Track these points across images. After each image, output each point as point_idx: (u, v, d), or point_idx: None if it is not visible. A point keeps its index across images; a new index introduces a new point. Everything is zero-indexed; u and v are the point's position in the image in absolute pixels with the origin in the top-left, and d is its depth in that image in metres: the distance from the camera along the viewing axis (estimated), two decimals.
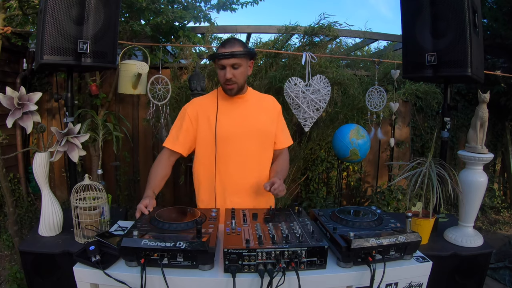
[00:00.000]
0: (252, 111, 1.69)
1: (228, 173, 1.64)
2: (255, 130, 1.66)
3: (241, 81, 1.61)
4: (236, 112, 1.66)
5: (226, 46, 1.57)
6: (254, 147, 1.66)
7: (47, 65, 1.56)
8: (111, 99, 3.56)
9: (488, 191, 4.33)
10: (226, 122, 1.63)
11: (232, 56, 1.54)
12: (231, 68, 1.57)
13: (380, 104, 2.65)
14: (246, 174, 1.66)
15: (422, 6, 1.70)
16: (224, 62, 1.56)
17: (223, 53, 1.54)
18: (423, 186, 1.58)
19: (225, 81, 1.58)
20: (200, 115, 1.66)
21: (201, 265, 1.11)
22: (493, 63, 3.78)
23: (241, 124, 1.65)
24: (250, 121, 1.66)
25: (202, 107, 1.67)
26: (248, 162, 1.66)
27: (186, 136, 1.66)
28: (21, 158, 3.51)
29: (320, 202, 3.68)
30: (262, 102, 1.76)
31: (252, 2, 3.55)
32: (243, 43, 1.62)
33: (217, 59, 1.57)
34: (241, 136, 1.64)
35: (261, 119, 1.69)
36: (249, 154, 1.65)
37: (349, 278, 1.14)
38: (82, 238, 1.49)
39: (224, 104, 1.66)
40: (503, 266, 2.82)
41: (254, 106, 1.71)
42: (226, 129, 1.62)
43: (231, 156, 1.63)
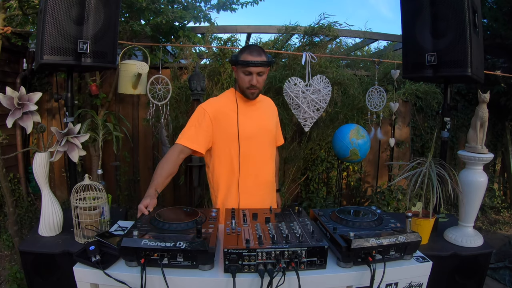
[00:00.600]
0: (263, 112, 1.83)
1: (249, 172, 1.73)
2: (267, 130, 1.80)
3: (262, 87, 1.74)
4: (253, 113, 1.77)
5: (255, 54, 1.64)
6: (267, 146, 1.81)
7: (47, 65, 1.56)
8: (111, 99, 3.56)
9: (488, 191, 4.33)
10: (247, 123, 1.72)
11: (262, 65, 1.65)
12: (257, 75, 1.67)
13: (380, 104, 2.65)
14: (264, 171, 1.79)
15: (422, 6, 1.70)
16: (252, 69, 1.65)
17: (254, 62, 1.63)
18: (423, 186, 1.58)
19: (249, 86, 1.68)
20: (220, 115, 1.70)
21: (201, 265, 1.11)
22: (493, 63, 3.78)
23: (259, 125, 1.77)
24: (264, 122, 1.80)
25: (221, 107, 1.73)
26: (264, 160, 1.79)
27: (206, 135, 1.70)
28: (21, 158, 3.51)
29: (320, 202, 3.68)
30: (266, 104, 1.89)
31: (252, 2, 3.55)
32: (264, 51, 1.72)
33: (246, 66, 1.65)
34: (259, 135, 1.76)
35: (269, 119, 1.84)
36: (265, 153, 1.79)
37: (349, 278, 1.14)
38: (82, 238, 1.49)
39: (242, 106, 1.75)
40: (503, 266, 2.82)
41: (263, 107, 1.84)
42: (248, 129, 1.71)
43: (251, 155, 1.73)
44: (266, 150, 1.81)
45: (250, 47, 1.70)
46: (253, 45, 1.75)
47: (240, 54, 1.69)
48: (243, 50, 1.70)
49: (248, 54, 1.66)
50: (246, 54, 1.66)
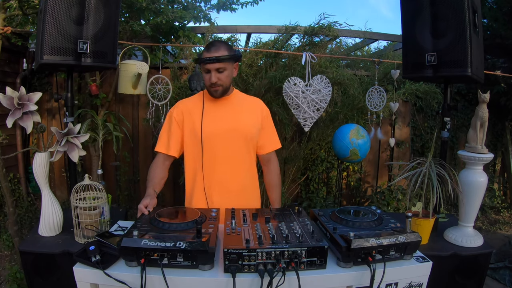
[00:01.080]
0: (237, 112, 1.69)
1: (215, 173, 1.65)
2: (239, 130, 1.66)
3: (226, 83, 1.63)
4: (221, 112, 1.67)
5: (211, 50, 1.56)
6: (238, 147, 1.67)
7: (47, 65, 1.56)
8: (111, 99, 3.56)
9: (488, 191, 4.33)
10: (211, 122, 1.64)
11: (218, 61, 1.55)
12: (216, 72, 1.58)
13: (380, 104, 2.65)
14: (232, 174, 1.67)
15: (422, 6, 1.70)
16: (209, 66, 1.57)
17: (208, 58, 1.55)
18: (423, 186, 1.58)
19: (210, 85, 1.60)
20: (186, 117, 1.67)
21: (201, 265, 1.11)
22: (493, 63, 3.77)
23: (226, 124, 1.65)
24: (234, 121, 1.67)
25: (188, 109, 1.69)
26: (233, 162, 1.67)
27: (176, 139, 1.68)
28: (21, 158, 3.51)
29: (320, 202, 3.68)
30: (248, 104, 1.75)
31: (252, 2, 3.55)
32: (228, 46, 1.62)
33: (203, 63, 1.57)
34: (226, 135, 1.64)
35: (244, 120, 1.69)
36: (234, 154, 1.66)
37: (349, 278, 1.14)
38: (82, 238, 1.49)
39: (210, 105, 1.68)
40: (503, 266, 2.82)
41: (239, 107, 1.71)
42: (211, 129, 1.63)
43: (217, 156, 1.64)
44: (237, 151, 1.67)
45: (210, 43, 1.62)
46: (215, 40, 1.65)
47: (202, 52, 1.64)
48: (205, 47, 1.63)
49: (205, 51, 1.59)
50: (204, 51, 1.60)
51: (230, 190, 1.66)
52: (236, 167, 1.68)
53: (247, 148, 1.71)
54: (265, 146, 1.78)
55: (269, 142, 1.79)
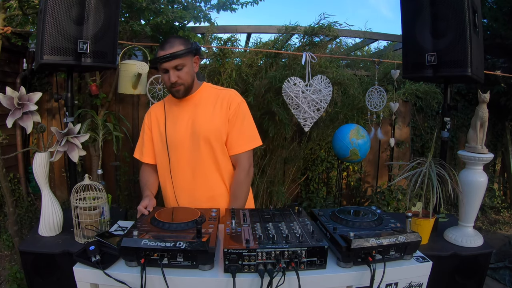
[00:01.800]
0: (199, 112, 1.55)
1: (182, 181, 1.58)
2: (203, 134, 1.52)
3: (188, 81, 1.51)
4: (183, 117, 1.56)
5: (166, 48, 1.45)
6: (204, 153, 1.54)
7: (47, 65, 1.56)
8: (111, 99, 3.56)
9: (488, 191, 4.33)
10: (173, 129, 1.56)
11: (173, 58, 1.44)
12: (175, 70, 1.47)
13: (380, 104, 2.65)
14: (197, 181, 1.56)
15: (422, 6, 1.70)
16: (166, 65, 1.46)
17: (163, 56, 1.43)
18: (423, 186, 1.58)
19: (170, 85, 1.50)
20: (153, 123, 1.64)
21: (201, 265, 1.11)
22: (493, 63, 3.78)
23: (189, 130, 1.54)
24: (199, 125, 1.53)
25: (155, 115, 1.64)
26: (197, 168, 1.55)
27: (148, 147, 1.67)
28: (21, 158, 3.51)
29: (320, 202, 3.68)
30: (215, 100, 1.57)
31: (252, 2, 3.55)
32: (184, 40, 1.50)
33: (159, 63, 1.47)
34: (189, 142, 1.54)
35: (206, 121, 1.54)
36: (197, 160, 1.54)
37: (349, 278, 1.14)
38: (82, 238, 1.49)
39: (173, 110, 1.59)
40: (503, 266, 2.82)
41: (203, 106, 1.56)
42: (173, 137, 1.56)
43: (180, 163, 1.56)
44: (202, 157, 1.53)
45: (163, 41, 1.50)
46: (169, 37, 1.52)
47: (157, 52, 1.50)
48: (159, 46, 1.50)
49: (160, 50, 1.47)
50: (158, 50, 1.48)
51: (197, 198, 1.56)
52: (201, 173, 1.55)
53: (213, 151, 1.55)
54: (231, 147, 1.58)
55: (236, 143, 1.57)
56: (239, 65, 3.26)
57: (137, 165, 3.87)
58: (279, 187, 3.28)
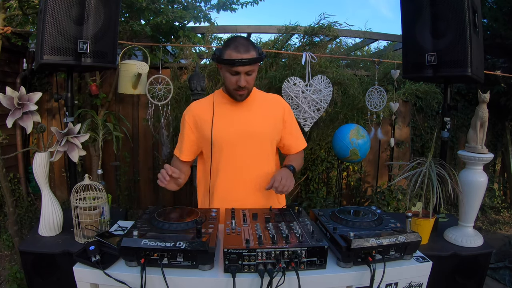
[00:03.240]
0: (253, 114, 1.57)
1: (227, 180, 1.57)
2: (254, 134, 1.54)
3: (252, 86, 1.53)
4: (235, 116, 1.56)
5: (241, 51, 1.40)
6: (252, 153, 1.55)
7: (47, 65, 1.56)
8: (111, 99, 3.56)
9: (488, 191, 4.33)
10: (222, 127, 1.54)
11: (250, 63, 1.42)
12: (246, 75, 1.45)
13: (380, 104, 2.65)
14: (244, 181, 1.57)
15: (422, 6, 1.70)
16: (240, 69, 1.42)
17: (241, 60, 1.39)
18: (423, 186, 1.58)
19: (237, 88, 1.47)
20: (198, 121, 1.58)
21: (201, 265, 1.11)
22: (493, 63, 3.78)
23: (239, 129, 1.54)
24: (249, 125, 1.55)
25: (200, 112, 1.59)
26: (245, 168, 1.56)
27: (188, 145, 1.61)
28: (21, 158, 3.51)
29: (320, 202, 3.68)
30: (266, 104, 1.62)
31: (252, 2, 3.55)
32: (255, 45, 1.48)
33: (231, 65, 1.42)
34: (239, 141, 1.54)
35: (261, 122, 1.57)
36: (247, 160, 1.55)
37: (349, 278, 1.14)
38: (82, 238, 1.49)
39: (222, 108, 1.57)
40: (503, 266, 2.82)
41: (256, 108, 1.59)
42: (222, 134, 1.53)
43: (229, 163, 1.55)
44: (251, 157, 1.55)
45: (236, 41, 1.44)
46: (239, 38, 1.47)
47: (224, 50, 1.44)
48: (228, 45, 1.44)
49: (233, 51, 1.41)
50: (231, 50, 1.42)
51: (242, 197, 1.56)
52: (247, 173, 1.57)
53: (264, 152, 1.59)
54: (291, 147, 1.67)
55: (293, 142, 1.67)
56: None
57: (137, 165, 3.87)
58: None
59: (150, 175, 3.88)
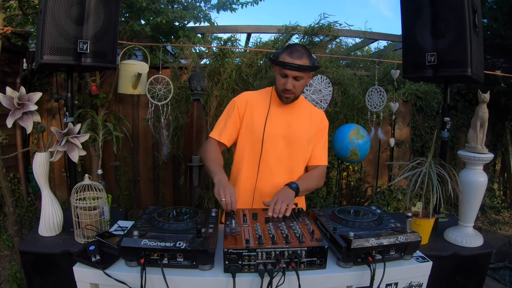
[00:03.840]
0: (298, 119, 1.67)
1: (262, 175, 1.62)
2: (295, 136, 1.64)
3: (299, 92, 1.60)
4: (281, 116, 1.64)
5: (294, 56, 1.50)
6: (291, 153, 1.64)
7: (47, 65, 1.56)
8: (111, 99, 3.56)
9: (488, 191, 4.33)
10: (271, 124, 1.62)
11: (298, 70, 1.50)
12: (293, 80, 1.53)
13: (380, 104, 2.65)
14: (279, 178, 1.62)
15: (422, 6, 1.70)
16: (288, 72, 1.51)
17: (291, 64, 1.48)
18: (423, 186, 1.58)
19: (283, 90, 1.55)
20: (248, 110, 1.64)
21: (201, 265, 1.11)
22: (493, 63, 3.78)
23: (283, 129, 1.62)
24: (294, 128, 1.64)
25: (252, 103, 1.65)
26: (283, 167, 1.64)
27: (233, 127, 1.65)
28: (21, 158, 3.51)
29: (320, 202, 3.68)
30: (310, 114, 1.72)
31: (252, 2, 3.55)
32: (309, 53, 1.56)
33: (282, 67, 1.52)
34: (281, 140, 1.62)
35: (304, 129, 1.66)
36: (285, 158, 1.63)
37: (349, 278, 1.14)
38: (82, 238, 1.49)
39: (274, 106, 1.64)
40: (503, 266, 2.82)
41: (301, 115, 1.68)
42: (271, 131, 1.61)
43: (268, 158, 1.61)
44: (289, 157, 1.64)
45: (293, 47, 1.55)
46: (298, 45, 1.57)
47: (281, 53, 1.55)
48: (285, 49, 1.56)
49: (287, 55, 1.51)
50: (285, 54, 1.52)
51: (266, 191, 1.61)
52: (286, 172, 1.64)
53: (302, 156, 1.67)
54: (315, 158, 1.72)
55: (319, 155, 1.72)
56: (239, 65, 3.26)
57: (137, 165, 3.87)
58: None
59: (150, 175, 3.88)
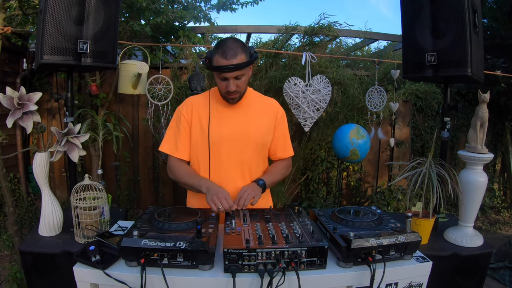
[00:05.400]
0: (248, 116, 1.57)
1: (220, 182, 1.53)
2: (249, 137, 1.55)
3: (244, 89, 1.51)
4: (231, 117, 1.55)
5: (228, 56, 1.38)
6: (247, 155, 1.56)
7: (47, 65, 1.56)
8: (111, 99, 3.56)
9: (488, 191, 4.33)
10: (218, 127, 1.53)
11: (236, 69, 1.39)
12: (235, 80, 1.43)
13: (380, 104, 2.65)
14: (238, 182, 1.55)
15: (422, 6, 1.70)
16: (227, 75, 1.41)
17: (227, 66, 1.37)
18: (423, 186, 1.58)
19: (227, 92, 1.46)
20: (195, 116, 1.56)
21: (201, 265, 1.11)
22: (493, 63, 3.77)
23: (234, 130, 1.54)
24: (245, 127, 1.55)
25: (197, 110, 1.57)
26: (240, 170, 1.56)
27: (184, 141, 1.57)
28: (21, 158, 3.51)
29: (320, 202, 3.68)
30: (262, 107, 1.62)
31: (252, 2, 3.55)
32: (244, 46, 1.44)
33: (219, 72, 1.41)
34: (233, 142, 1.53)
35: (257, 125, 1.57)
36: (241, 162, 1.55)
37: (349, 278, 1.14)
38: (82, 238, 1.49)
39: (218, 108, 1.56)
40: (503, 266, 2.82)
41: (251, 111, 1.58)
42: (217, 135, 1.52)
43: (223, 164, 1.54)
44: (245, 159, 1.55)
45: (223, 45, 1.40)
46: (228, 41, 1.43)
47: (213, 55, 1.42)
48: (216, 49, 1.42)
49: (220, 57, 1.38)
50: (218, 56, 1.39)
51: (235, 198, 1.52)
52: (242, 175, 1.56)
53: (258, 155, 1.59)
54: (279, 151, 1.66)
55: (280, 149, 1.66)
56: None
57: (137, 165, 3.87)
58: (279, 187, 3.28)
59: (150, 175, 3.88)
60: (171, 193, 3.87)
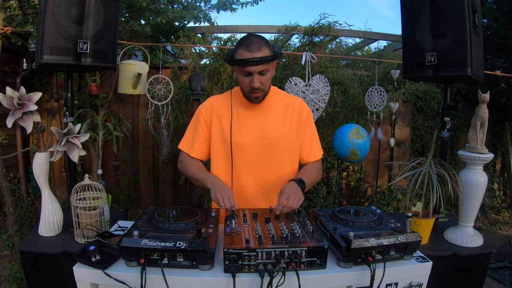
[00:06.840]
0: (273, 118, 1.51)
1: (242, 185, 1.52)
2: (274, 141, 1.49)
3: (268, 87, 1.44)
4: (252, 120, 1.50)
5: (253, 50, 1.32)
6: (267, 158, 1.51)
7: (47, 65, 1.56)
8: (111, 99, 3.56)
9: (488, 191, 4.33)
10: (238, 132, 1.48)
11: (261, 63, 1.33)
12: (259, 75, 1.37)
13: (380, 104, 2.65)
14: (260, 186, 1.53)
15: (422, 6, 1.70)
16: (251, 69, 1.34)
17: (252, 59, 1.31)
18: (423, 186, 1.58)
19: (251, 89, 1.39)
20: (215, 117, 1.52)
21: (201, 265, 1.11)
22: (493, 63, 3.77)
23: (257, 135, 1.49)
24: (269, 131, 1.49)
25: (218, 108, 1.52)
26: (257, 173, 1.52)
27: (202, 141, 1.54)
28: (21, 158, 3.51)
29: (320, 202, 3.68)
30: (285, 107, 1.54)
31: (252, 2, 3.55)
32: (267, 41, 1.39)
33: (243, 65, 1.35)
34: (255, 147, 1.49)
35: (277, 128, 1.51)
36: (261, 165, 1.51)
37: (349, 278, 1.14)
38: (82, 238, 1.49)
39: (238, 110, 1.50)
40: (503, 266, 2.82)
41: (276, 113, 1.52)
42: (239, 139, 1.48)
43: (244, 168, 1.50)
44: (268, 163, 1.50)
45: (247, 40, 1.36)
46: (252, 36, 1.39)
47: (236, 50, 1.37)
48: (239, 44, 1.37)
49: (244, 50, 1.34)
50: (242, 50, 1.35)
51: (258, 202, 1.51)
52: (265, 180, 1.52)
53: (281, 157, 1.53)
54: (302, 156, 1.59)
55: (306, 152, 1.58)
56: None
57: (137, 165, 3.87)
58: None
59: (150, 175, 3.88)
60: (171, 193, 3.86)
